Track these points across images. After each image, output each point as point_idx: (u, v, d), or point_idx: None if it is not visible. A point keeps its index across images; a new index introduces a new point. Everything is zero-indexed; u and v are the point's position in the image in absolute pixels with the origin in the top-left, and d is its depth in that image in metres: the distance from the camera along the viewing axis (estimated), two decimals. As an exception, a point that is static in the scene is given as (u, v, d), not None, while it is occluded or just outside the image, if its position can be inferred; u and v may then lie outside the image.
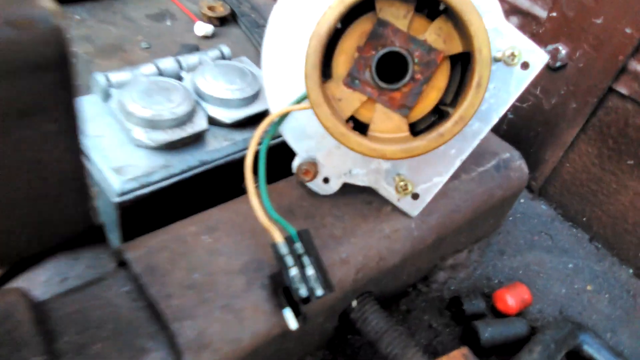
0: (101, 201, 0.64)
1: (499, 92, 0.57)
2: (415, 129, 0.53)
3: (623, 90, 0.81)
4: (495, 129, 0.97)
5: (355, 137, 0.48)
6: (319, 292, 0.49)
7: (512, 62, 0.53)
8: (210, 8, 1.22)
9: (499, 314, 0.75)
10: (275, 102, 0.58)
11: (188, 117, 0.66)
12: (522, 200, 0.97)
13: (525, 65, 0.56)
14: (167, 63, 0.74)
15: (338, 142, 0.48)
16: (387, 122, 0.51)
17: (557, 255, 0.88)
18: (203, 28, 1.16)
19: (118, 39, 1.11)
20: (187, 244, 0.53)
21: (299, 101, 0.54)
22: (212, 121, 0.70)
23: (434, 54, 0.49)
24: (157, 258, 0.51)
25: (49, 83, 0.24)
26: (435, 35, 0.48)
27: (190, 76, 0.73)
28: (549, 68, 0.87)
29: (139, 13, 1.22)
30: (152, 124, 0.63)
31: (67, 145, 0.27)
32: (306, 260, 0.49)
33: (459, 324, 0.74)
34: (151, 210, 0.63)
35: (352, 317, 0.60)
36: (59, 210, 0.28)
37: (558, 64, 0.85)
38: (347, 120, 0.51)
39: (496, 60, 0.55)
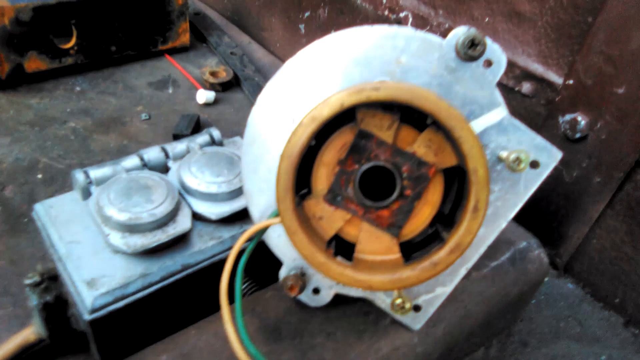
0: (77, 312, 0.60)
1: (505, 194, 0.51)
2: (411, 242, 0.47)
3: (652, 164, 0.73)
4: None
5: (336, 267, 0.42)
6: None
7: (517, 168, 0.47)
8: (213, 74, 1.20)
9: None
10: (255, 208, 0.52)
11: (170, 217, 0.61)
12: (545, 279, 0.88)
13: (534, 165, 0.50)
14: (153, 154, 0.70)
15: (316, 270, 0.42)
16: (375, 242, 0.45)
17: (587, 345, 0.79)
18: (204, 95, 1.13)
19: (117, 111, 1.09)
20: (156, 378, 0.48)
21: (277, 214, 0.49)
22: (198, 217, 0.65)
23: (425, 168, 0.43)
24: (122, 397, 0.46)
25: None
26: (425, 147, 0.43)
27: (177, 167, 0.69)
28: (567, 139, 0.80)
29: (141, 81, 1.21)
30: (130, 229, 0.59)
31: None
32: (285, 405, 0.43)
33: None
34: (128, 323, 0.58)
35: None
36: None
37: (578, 135, 0.78)
38: (331, 241, 0.45)
39: (500, 160, 0.49)
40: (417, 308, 0.55)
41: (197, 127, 1.06)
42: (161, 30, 1.27)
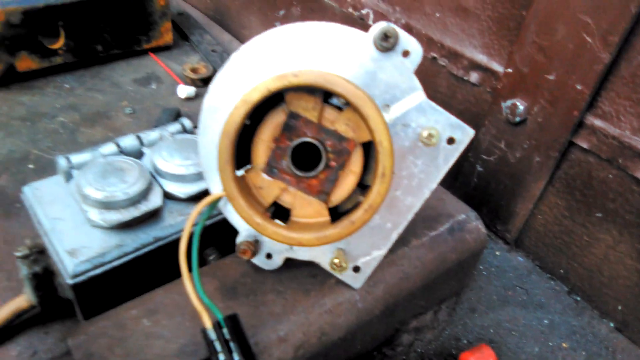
0: (61, 280, 0.67)
1: (427, 167, 0.58)
2: (340, 210, 0.55)
3: (583, 144, 0.81)
4: (466, 183, 0.98)
5: (271, 227, 0.49)
6: (245, 378, 0.50)
7: (430, 143, 0.55)
8: (193, 70, 1.27)
9: (463, 378, 0.74)
10: (212, 184, 0.60)
11: (142, 196, 0.69)
12: (497, 253, 0.96)
13: (451, 141, 0.57)
14: (128, 141, 0.77)
15: (255, 230, 0.50)
16: (307, 207, 0.52)
17: (532, 310, 0.87)
18: (185, 90, 1.21)
19: (103, 106, 1.17)
20: (126, 328, 0.55)
21: (228, 187, 0.56)
22: (169, 196, 0.73)
23: (346, 143, 0.50)
24: (96, 345, 0.54)
25: None
26: (345, 125, 0.50)
27: (150, 152, 0.76)
28: (509, 122, 0.88)
29: (126, 78, 1.28)
30: (106, 205, 0.67)
31: None
32: (233, 346, 0.51)
33: (422, 389, 0.73)
34: (107, 288, 0.66)
35: (297, 392, 0.61)
36: None
37: (517, 118, 0.86)
38: (270, 207, 0.53)
39: (420, 140, 0.57)
40: (356, 269, 0.62)
41: (177, 120, 1.13)
42: (145, 30, 1.35)
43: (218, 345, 0.51)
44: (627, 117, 0.76)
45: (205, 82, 1.27)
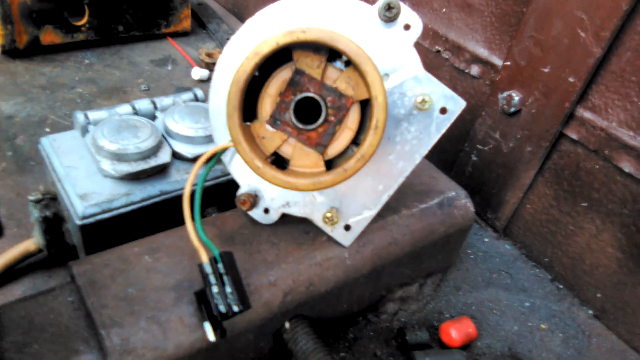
0: (70, 224, 0.72)
1: (420, 134, 0.63)
2: (334, 165, 0.59)
3: (573, 135, 0.85)
4: (461, 171, 1.02)
5: (270, 171, 0.54)
6: (235, 308, 0.54)
7: (423, 108, 0.59)
8: (209, 55, 1.33)
9: (444, 347, 0.78)
10: (219, 141, 0.65)
11: (152, 152, 0.74)
12: (486, 240, 1.00)
13: (443, 111, 0.62)
14: (143, 104, 0.82)
15: (256, 174, 0.54)
16: (305, 158, 0.57)
17: (515, 293, 0.90)
18: (198, 72, 1.26)
19: (120, 82, 1.23)
20: (128, 262, 0.60)
21: (232, 139, 0.61)
22: (177, 156, 0.78)
23: (344, 99, 0.55)
24: (99, 273, 0.58)
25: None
26: (345, 83, 0.55)
27: (162, 115, 0.81)
28: (504, 113, 0.92)
29: (143, 58, 1.34)
30: (118, 157, 0.71)
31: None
32: (226, 279, 0.55)
33: (404, 354, 0.77)
34: (112, 234, 0.70)
35: (284, 337, 0.65)
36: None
37: (512, 109, 0.90)
38: (271, 156, 0.57)
39: (415, 105, 0.61)
40: (347, 227, 0.66)
41: (189, 98, 1.19)
42: (165, 15, 1.41)
43: (212, 278, 0.55)
44: (614, 109, 0.80)
45: (218, 66, 1.32)
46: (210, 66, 1.32)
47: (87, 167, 0.73)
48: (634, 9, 0.74)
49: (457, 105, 0.62)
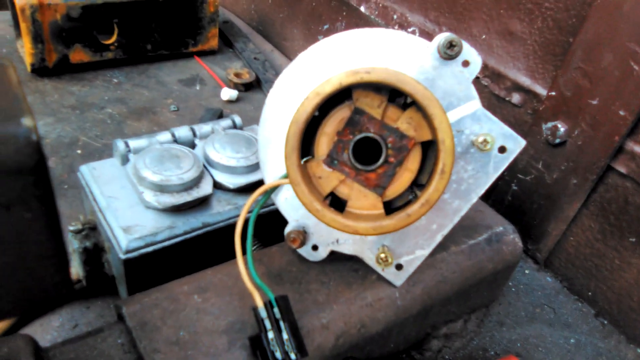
0: (112, 256, 0.70)
1: (477, 173, 0.60)
2: (392, 206, 0.57)
3: (621, 169, 0.83)
4: (500, 200, 1.00)
5: (329, 214, 0.52)
6: (293, 356, 0.52)
7: (485, 148, 0.57)
8: (237, 75, 1.32)
9: (490, 388, 0.75)
10: (268, 175, 0.63)
11: (195, 183, 0.72)
12: (527, 272, 0.97)
13: (502, 150, 0.60)
14: (183, 132, 0.81)
15: (313, 216, 0.52)
16: (363, 199, 0.55)
17: (559, 329, 0.88)
18: (228, 93, 1.25)
19: (149, 102, 1.22)
20: (178, 302, 0.58)
21: (286, 176, 0.59)
22: (218, 186, 0.76)
23: (406, 140, 0.53)
24: (150, 314, 0.56)
25: (26, 183, 0.30)
26: (407, 123, 0.53)
27: (202, 144, 0.80)
28: (548, 144, 0.90)
29: (171, 78, 1.33)
30: (161, 188, 0.70)
31: (43, 228, 0.33)
32: (282, 325, 0.53)
33: (449, 395, 0.74)
34: (155, 267, 0.69)
35: (334, 382, 0.62)
36: (37, 280, 0.34)
37: (557, 140, 0.88)
38: (327, 196, 0.56)
39: (473, 144, 0.59)
40: (399, 267, 0.64)
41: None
42: (193, 34, 1.40)
43: (268, 323, 0.53)
44: (667, 145, 0.77)
45: (247, 87, 1.31)
46: (238, 86, 1.31)
47: (129, 198, 0.72)
48: (691, 43, 0.72)
49: (516, 144, 0.60)
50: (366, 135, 0.54)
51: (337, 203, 0.57)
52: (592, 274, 0.91)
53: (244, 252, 0.57)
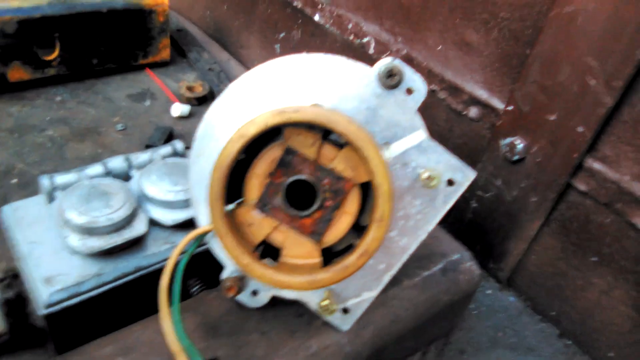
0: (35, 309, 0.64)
1: (425, 208, 0.56)
2: (333, 250, 0.52)
3: (582, 186, 0.80)
4: (460, 218, 0.96)
5: (259, 268, 0.47)
6: None
7: (430, 185, 0.53)
8: (189, 88, 1.25)
9: None
10: (201, 216, 0.57)
11: (127, 222, 0.66)
12: (489, 292, 0.94)
13: (451, 183, 0.56)
14: (116, 163, 0.75)
15: (244, 271, 0.47)
16: (299, 247, 0.50)
17: (522, 353, 0.85)
18: (179, 109, 1.19)
19: (95, 121, 1.14)
20: (99, 367, 0.52)
21: (216, 221, 0.54)
22: (155, 222, 0.70)
23: (342, 183, 0.48)
24: (66, 383, 0.50)
25: None
26: (344, 164, 0.48)
27: (139, 175, 0.74)
28: (507, 160, 0.86)
29: (120, 93, 1.26)
30: (88, 231, 0.64)
31: None
32: (211, 392, 0.48)
33: None
34: (82, 319, 0.63)
35: None
36: None
37: (516, 157, 0.84)
38: (260, 245, 0.51)
39: (420, 181, 0.55)
40: (345, 310, 0.60)
41: (169, 139, 1.11)
42: (142, 46, 1.33)
43: (196, 391, 0.48)
44: (627, 162, 0.75)
45: (200, 100, 1.25)
46: (191, 100, 1.24)
47: (54, 242, 0.65)
48: (648, 58, 0.68)
49: (465, 176, 0.56)
50: (299, 177, 0.49)
51: (273, 250, 0.52)
52: (555, 293, 0.89)
53: (170, 307, 0.51)
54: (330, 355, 0.59)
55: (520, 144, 0.84)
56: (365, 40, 1.07)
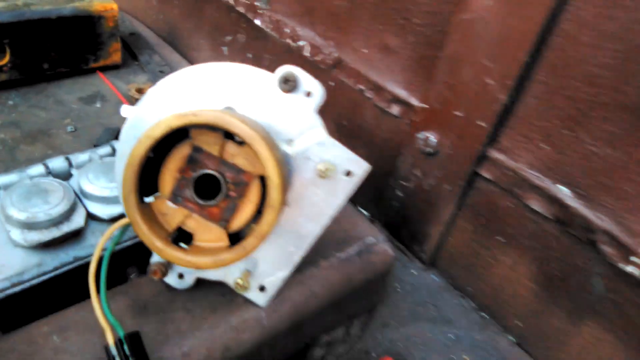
0: (-20, 297, 0.70)
1: (327, 197, 0.64)
2: (240, 235, 0.60)
3: (487, 175, 0.89)
4: (388, 206, 1.05)
5: (170, 251, 0.54)
6: (143, 392, 0.54)
7: (325, 176, 0.61)
8: (139, 90, 1.31)
9: (369, 390, 0.80)
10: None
11: (65, 217, 0.73)
12: (413, 272, 1.03)
13: (349, 174, 0.64)
14: (57, 163, 0.81)
15: (157, 254, 0.54)
16: (208, 233, 0.57)
17: (440, 325, 0.94)
18: (128, 110, 1.24)
19: (46, 124, 1.19)
20: (36, 344, 0.59)
21: (138, 212, 0.61)
22: (93, 217, 0.77)
23: (243, 175, 0.56)
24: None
25: None
26: (244, 159, 0.56)
27: (78, 173, 0.80)
28: (423, 153, 0.95)
29: (71, 96, 1.31)
30: (28, 226, 0.70)
31: None
32: (134, 361, 0.55)
33: (330, 401, 0.79)
34: (25, 307, 0.69)
35: (203, 404, 0.65)
36: None
37: (430, 150, 0.93)
38: (175, 232, 0.58)
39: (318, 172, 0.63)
40: (262, 288, 0.67)
41: (118, 139, 1.17)
42: (93, 50, 1.38)
43: (119, 360, 0.55)
44: (522, 152, 0.84)
45: (149, 102, 1.31)
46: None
47: (-3, 237, 0.71)
48: (533, 61, 0.77)
49: (360, 167, 0.64)
50: (205, 172, 0.56)
51: (189, 236, 0.60)
52: (470, 271, 0.98)
53: (98, 290, 0.58)
54: (249, 328, 0.67)
55: (433, 138, 0.92)
56: (300, 43, 1.15)
